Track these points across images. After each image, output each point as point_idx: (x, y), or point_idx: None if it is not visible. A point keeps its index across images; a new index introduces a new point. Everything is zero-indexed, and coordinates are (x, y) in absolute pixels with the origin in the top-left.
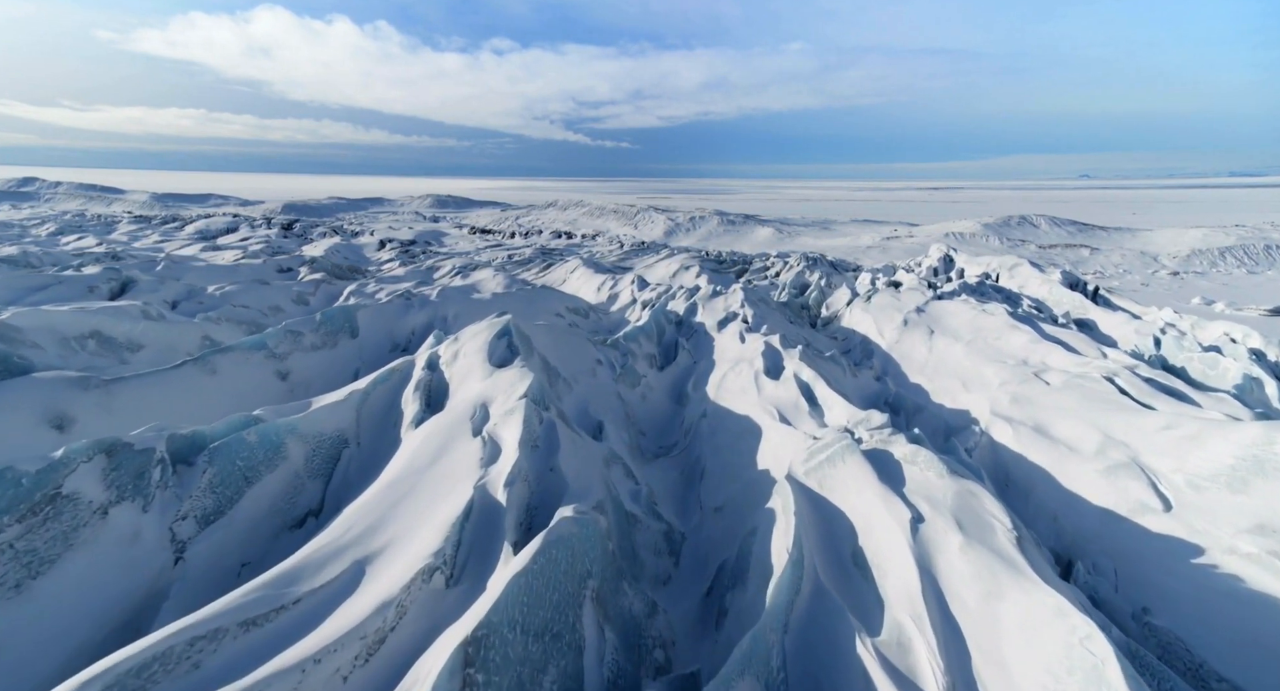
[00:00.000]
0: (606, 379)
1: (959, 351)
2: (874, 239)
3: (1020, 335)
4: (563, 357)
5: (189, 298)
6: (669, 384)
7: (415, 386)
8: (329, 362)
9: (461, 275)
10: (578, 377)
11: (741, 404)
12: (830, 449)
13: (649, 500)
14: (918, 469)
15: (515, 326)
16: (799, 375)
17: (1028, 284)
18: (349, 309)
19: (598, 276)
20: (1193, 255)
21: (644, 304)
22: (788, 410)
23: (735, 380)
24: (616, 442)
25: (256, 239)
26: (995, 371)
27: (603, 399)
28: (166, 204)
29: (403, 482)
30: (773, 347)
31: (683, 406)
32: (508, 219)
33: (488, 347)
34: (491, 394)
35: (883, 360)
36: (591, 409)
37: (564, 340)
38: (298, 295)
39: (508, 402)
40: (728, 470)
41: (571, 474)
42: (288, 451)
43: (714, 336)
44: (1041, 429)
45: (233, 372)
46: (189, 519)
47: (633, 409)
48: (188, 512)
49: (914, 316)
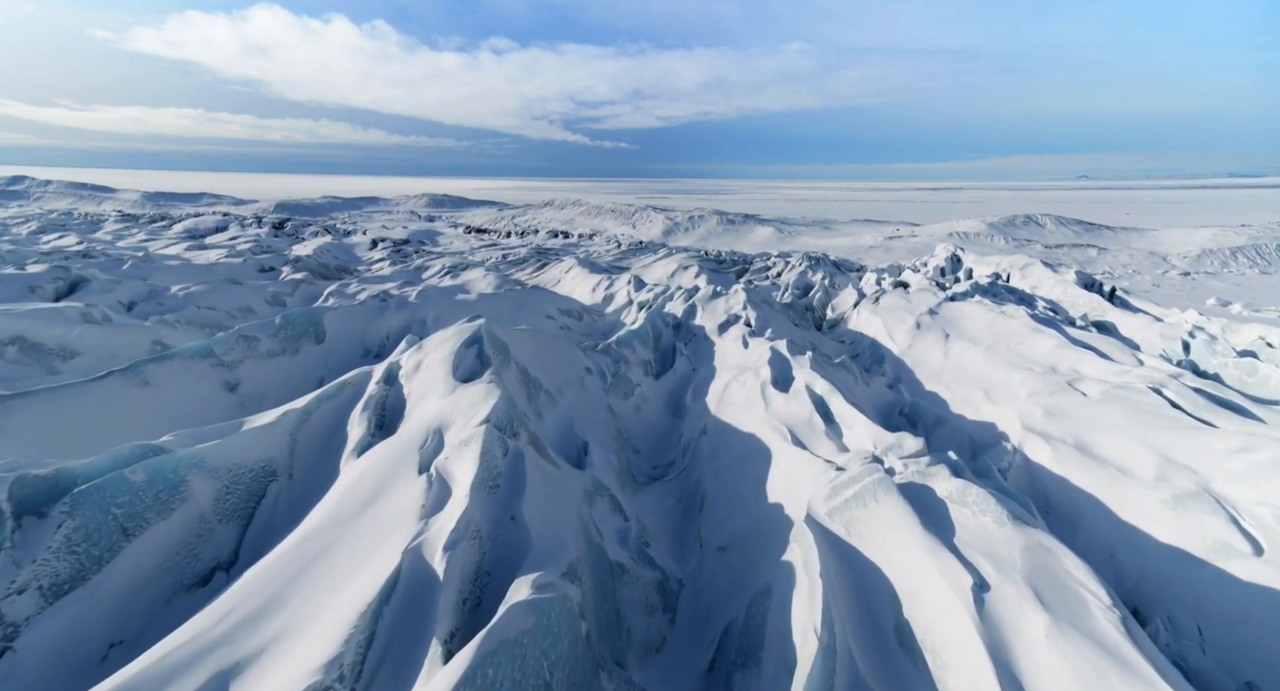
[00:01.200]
0: (596, 389)
1: (978, 357)
2: (876, 238)
3: (1045, 339)
4: (546, 367)
5: (148, 298)
6: (665, 393)
7: (365, 404)
8: (289, 372)
9: (451, 275)
10: (563, 389)
11: (746, 419)
12: (858, 484)
13: (639, 540)
14: (968, 512)
15: (489, 332)
16: (811, 387)
17: (1040, 284)
18: (314, 311)
19: (593, 276)
20: (1203, 255)
21: (640, 305)
22: (800, 428)
23: (739, 391)
24: (603, 468)
25: (245, 238)
26: (1022, 379)
27: (590, 413)
28: (158, 203)
29: (317, 539)
30: (780, 354)
31: (681, 419)
32: (504, 218)
33: (453, 358)
34: (450, 416)
35: (895, 366)
36: (577, 425)
37: (548, 347)
38: (273, 296)
39: (465, 429)
40: (732, 499)
41: (538, 523)
42: (190, 490)
43: (714, 341)
44: (1084, 447)
45: (169, 385)
46: (29, 591)
47: (625, 423)
48: (27, 583)
49: (927, 319)
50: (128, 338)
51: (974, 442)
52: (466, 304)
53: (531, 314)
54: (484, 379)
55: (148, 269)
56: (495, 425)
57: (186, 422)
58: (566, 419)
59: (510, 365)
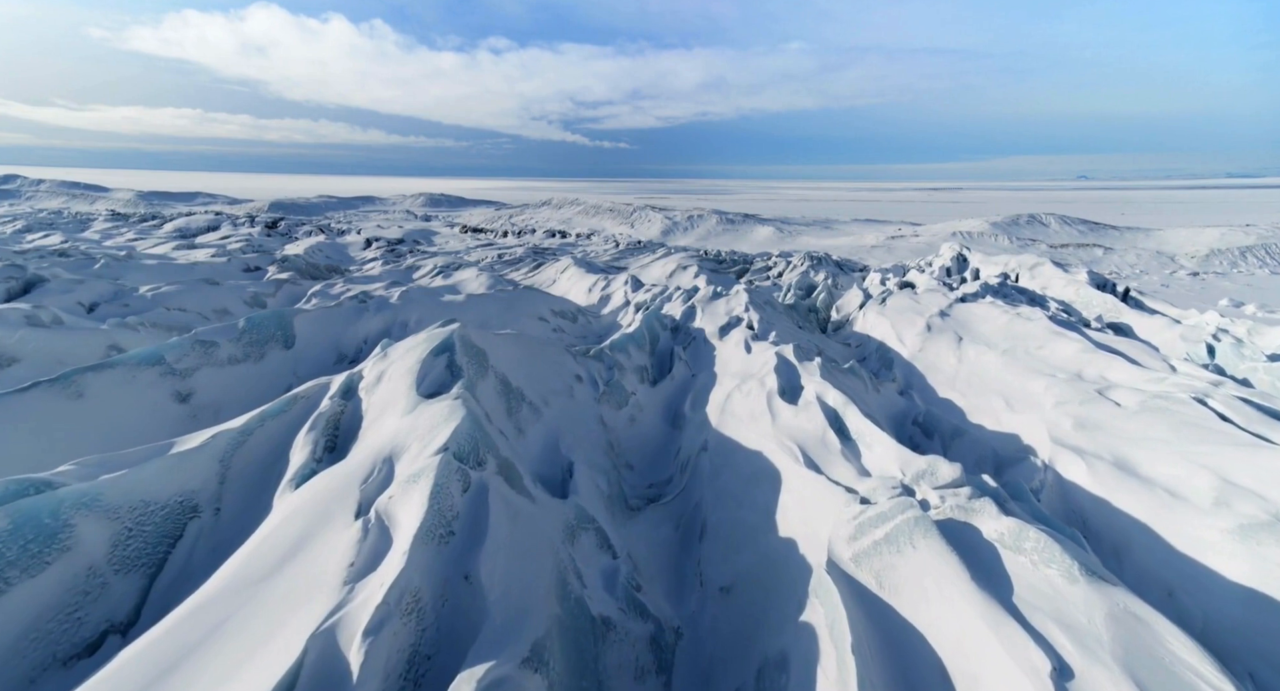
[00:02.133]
0: (586, 399)
1: (995, 362)
2: (878, 238)
3: (1067, 343)
4: (531, 375)
5: (113, 299)
6: (663, 402)
7: (312, 423)
8: (251, 380)
9: (443, 275)
10: (549, 400)
11: (752, 435)
12: (889, 522)
13: (629, 583)
14: (1027, 561)
15: (462, 338)
16: (822, 398)
17: (1051, 285)
18: (282, 313)
19: (589, 276)
20: (1211, 255)
21: (638, 306)
22: (812, 446)
23: (743, 402)
24: (590, 494)
25: (237, 238)
26: (1046, 387)
27: (579, 426)
28: (152, 202)
29: (212, 610)
30: (786, 361)
31: (679, 430)
32: (501, 217)
33: (419, 368)
34: (405, 440)
35: (905, 371)
36: (564, 441)
37: (534, 353)
38: (253, 296)
39: (419, 458)
40: (737, 529)
41: (500, 582)
42: (75, 538)
43: (715, 345)
44: (1125, 465)
45: (109, 396)
46: None
47: (618, 435)
48: None
49: (938, 321)
50: (78, 342)
51: (997, 456)
52: (453, 305)
53: (522, 316)
54: (450, 394)
55: (121, 268)
56: (455, 454)
57: (125, 441)
58: (552, 434)
59: (488, 375)
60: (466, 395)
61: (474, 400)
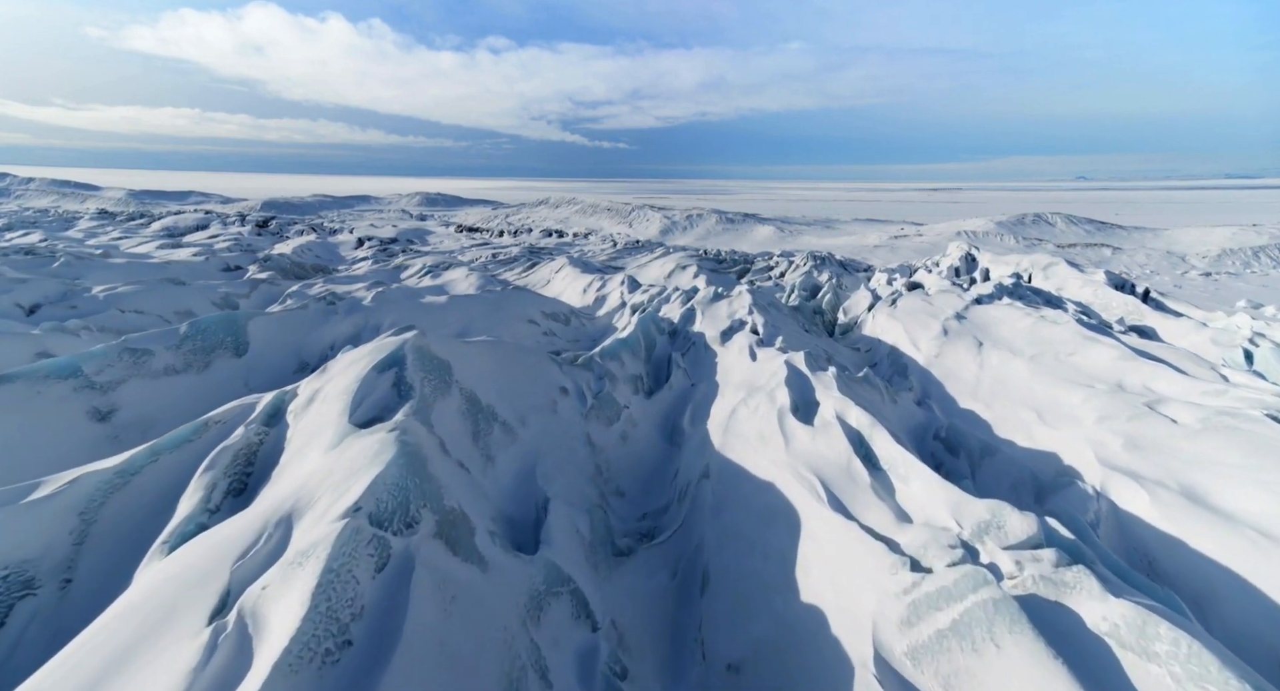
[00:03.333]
0: (572, 415)
1: (1021, 369)
2: (881, 238)
3: (1102, 350)
4: (506, 389)
5: (60, 300)
6: (659, 416)
7: (211, 462)
8: (192, 394)
9: (432, 275)
10: (527, 418)
11: (761, 460)
12: (957, 604)
13: (611, 667)
14: (1168, 677)
15: (419, 349)
16: (843, 418)
17: (1066, 285)
18: (232, 317)
19: (585, 277)
20: (1223, 255)
21: (634, 308)
22: (835, 478)
23: (750, 419)
24: (566, 543)
25: (226, 236)
26: (1084, 399)
27: (562, 448)
28: (144, 201)
29: None
30: (797, 370)
31: (677, 447)
32: (497, 217)
33: (357, 388)
34: (315, 490)
35: (921, 379)
36: (542, 469)
37: (512, 363)
38: (224, 297)
39: (319, 523)
40: (747, 583)
41: None
42: None
43: (716, 350)
44: (1195, 495)
45: (4, 415)
46: None
47: (608, 456)
48: None
49: (954, 324)
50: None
51: (1036, 480)
52: (435, 308)
53: (510, 318)
54: (386, 426)
55: (83, 267)
56: (371, 516)
57: (20, 470)
58: (528, 460)
59: (450, 392)
60: (409, 424)
61: (421, 429)
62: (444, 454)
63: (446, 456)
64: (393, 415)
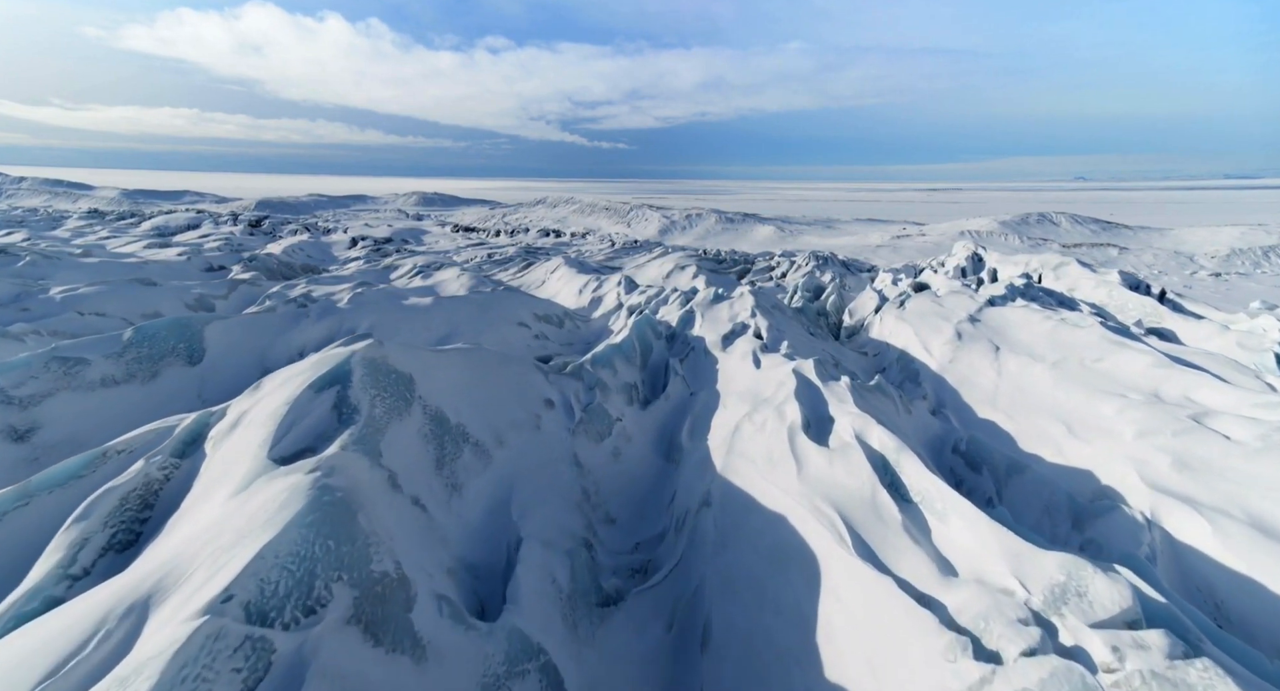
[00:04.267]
0: (557, 431)
1: (1043, 377)
2: (883, 237)
3: (1133, 355)
4: (481, 404)
5: (13, 302)
6: (655, 429)
7: (84, 511)
8: (134, 408)
9: (422, 275)
10: (505, 437)
11: (770, 488)
12: None
13: None
14: None
15: (371, 361)
16: (864, 439)
17: (1079, 286)
18: (185, 321)
19: (580, 277)
20: (1233, 255)
21: (631, 309)
22: (859, 514)
23: (756, 437)
24: (538, 600)
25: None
26: (1119, 411)
27: (543, 472)
28: (137, 201)
29: None
30: (807, 381)
31: (674, 464)
32: (494, 216)
33: (286, 412)
34: (195, 559)
35: (935, 386)
36: (519, 498)
37: (489, 374)
38: (198, 299)
39: (173, 620)
40: (758, 642)
41: None
42: None
43: (717, 356)
44: (1266, 526)
45: None
46: None
47: (597, 477)
48: None
49: (968, 327)
50: None
51: (1073, 503)
52: (417, 310)
53: (499, 321)
54: (309, 463)
55: (50, 267)
56: (251, 607)
57: None
58: (503, 487)
59: (411, 411)
60: (342, 460)
61: (358, 464)
62: (393, 490)
63: (397, 493)
64: (328, 445)
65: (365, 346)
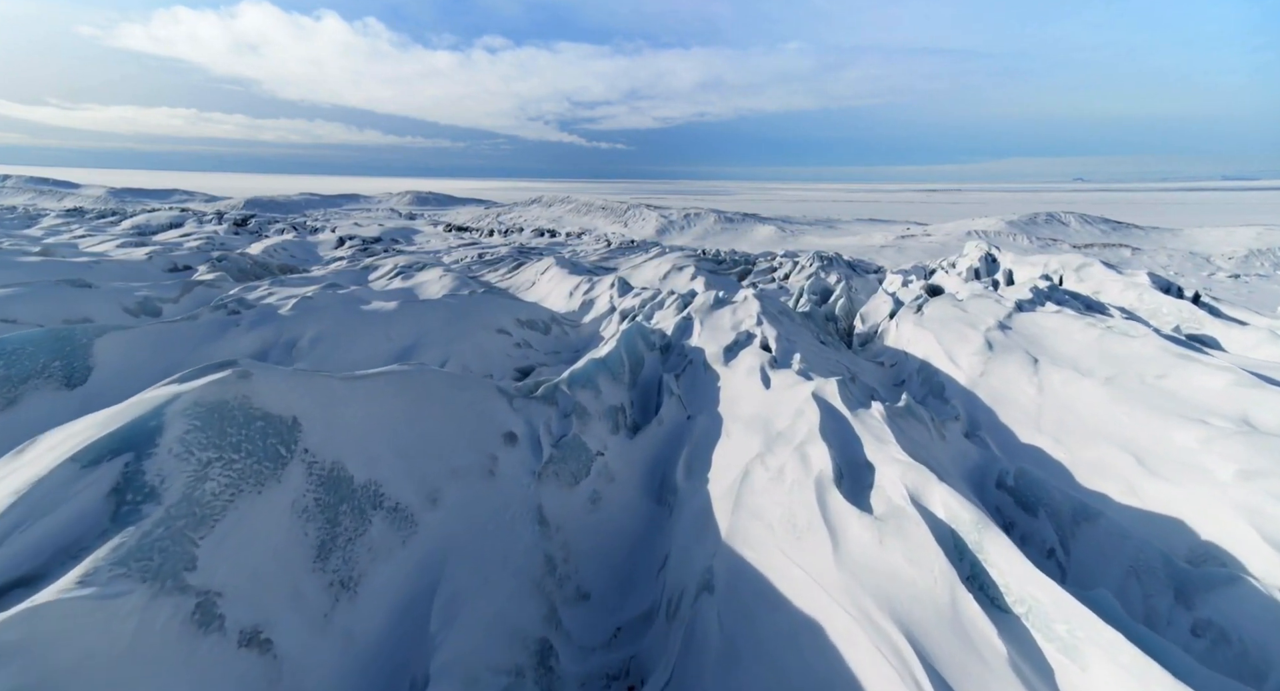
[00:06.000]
0: (518, 476)
1: (1095, 395)
2: (887, 237)
3: (1208, 372)
4: (413, 448)
5: None
6: (645, 464)
7: None
8: None
9: (403, 276)
10: (442, 492)
11: (796, 572)
12: None
13: None
14: None
15: (216, 406)
16: (923, 503)
17: (1104, 288)
18: (65, 333)
19: (572, 278)
20: (1251, 256)
21: (624, 314)
22: (935, 637)
23: (772, 488)
24: None
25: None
26: (1203, 441)
27: (490, 541)
28: (124, 199)
29: None
30: (833, 412)
31: (668, 510)
32: (489, 216)
33: (12, 505)
34: None
35: (964, 402)
36: (447, 589)
37: (430, 404)
38: (141, 303)
39: None
40: None
41: None
42: None
43: (719, 372)
44: None
45: None
46: None
47: (568, 536)
48: None
49: (999, 336)
50: None
51: (1170, 567)
52: (375, 317)
53: (475, 327)
54: (22, 606)
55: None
56: None
57: None
58: (425, 573)
59: (284, 475)
60: (68, 608)
61: (112, 610)
62: (199, 632)
63: (209, 635)
64: (73, 564)
65: (202, 386)
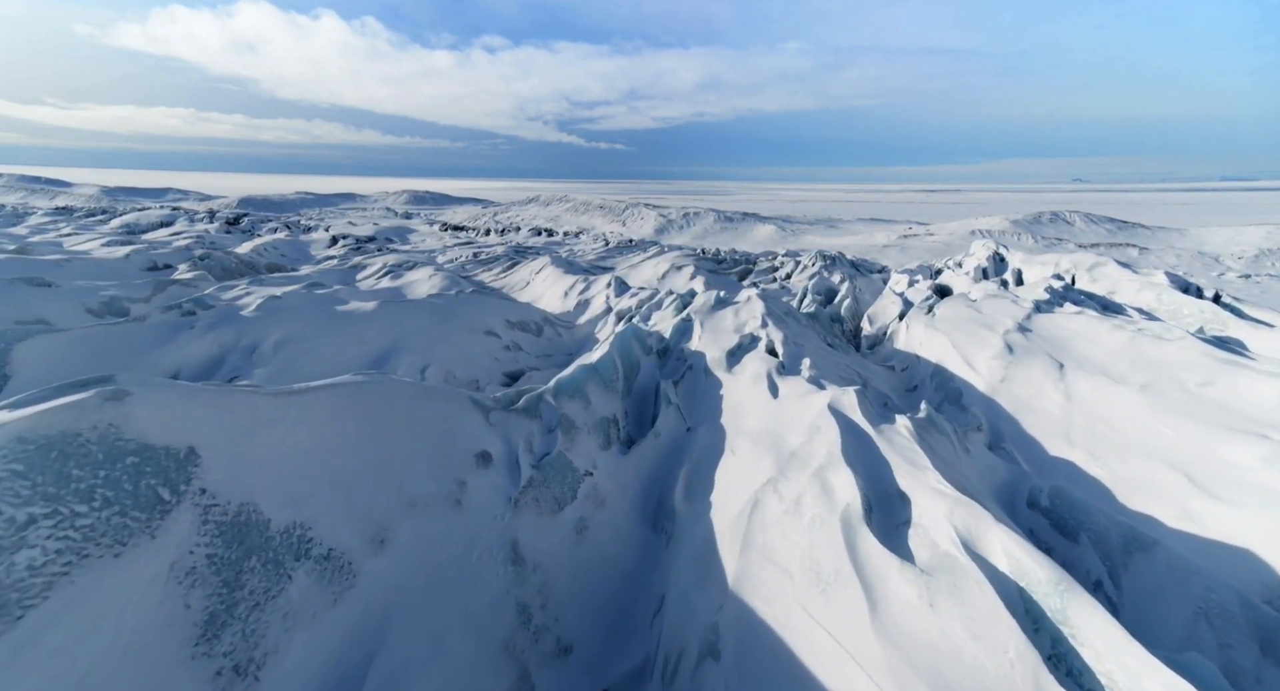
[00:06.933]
0: (490, 506)
1: (1131, 404)
2: (889, 237)
3: (1260, 379)
4: (360, 478)
5: None
6: (639, 484)
7: None
8: None
9: (392, 276)
10: (392, 531)
11: (821, 637)
12: None
13: None
14: None
15: (61, 439)
16: (979, 551)
17: (1120, 288)
18: None
19: (567, 278)
20: (1261, 255)
21: (621, 315)
22: None
23: (788, 524)
24: None
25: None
26: (1265, 458)
27: (449, 591)
28: (116, 198)
29: None
30: (854, 429)
31: (665, 538)
32: (485, 215)
33: None
34: None
35: (985, 409)
36: (390, 656)
37: (386, 422)
38: (107, 303)
39: None
40: None
41: None
42: None
43: (721, 378)
44: None
45: None
46: None
47: (547, 574)
48: None
49: (1019, 339)
50: None
51: (1249, 610)
52: (350, 319)
53: (460, 330)
54: None
55: None
56: None
57: None
58: (359, 641)
59: (161, 528)
60: None
61: None
62: None
63: None
64: None
65: (61, 407)
